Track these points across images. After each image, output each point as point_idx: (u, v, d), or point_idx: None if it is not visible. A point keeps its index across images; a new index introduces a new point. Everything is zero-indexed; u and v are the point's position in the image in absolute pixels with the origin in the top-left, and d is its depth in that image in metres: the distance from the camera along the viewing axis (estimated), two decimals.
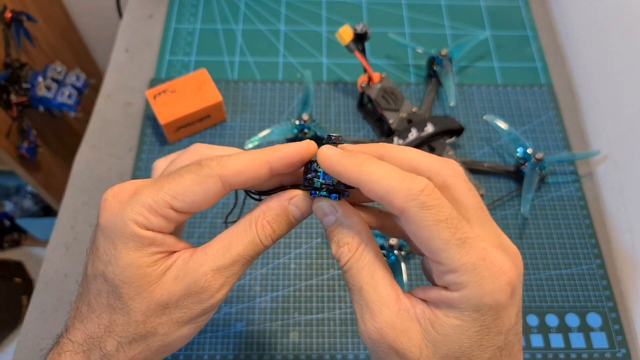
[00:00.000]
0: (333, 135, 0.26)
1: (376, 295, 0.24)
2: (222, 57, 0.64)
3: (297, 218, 0.27)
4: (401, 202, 0.22)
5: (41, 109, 0.78)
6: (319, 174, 0.26)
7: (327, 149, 0.25)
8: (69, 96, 0.79)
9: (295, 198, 0.27)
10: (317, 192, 0.26)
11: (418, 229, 0.22)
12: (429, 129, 0.54)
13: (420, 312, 0.23)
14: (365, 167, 0.24)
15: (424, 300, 0.24)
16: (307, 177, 0.26)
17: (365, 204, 0.29)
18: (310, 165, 0.27)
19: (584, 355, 0.46)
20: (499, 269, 0.22)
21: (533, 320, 0.48)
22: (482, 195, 0.52)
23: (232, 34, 0.66)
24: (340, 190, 0.26)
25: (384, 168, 0.23)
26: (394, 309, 0.23)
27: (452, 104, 0.57)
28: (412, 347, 0.23)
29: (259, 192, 0.28)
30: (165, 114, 0.54)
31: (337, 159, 0.25)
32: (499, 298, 0.22)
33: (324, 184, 0.26)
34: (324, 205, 0.26)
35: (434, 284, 0.24)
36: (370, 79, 0.57)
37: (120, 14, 0.85)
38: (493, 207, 0.54)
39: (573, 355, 0.46)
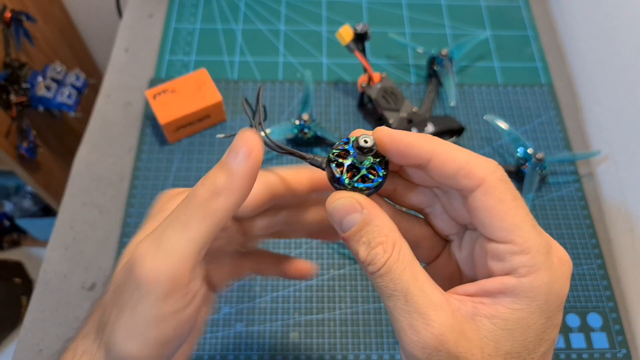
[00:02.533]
0: (366, 145, 0.22)
1: (426, 298, 0.20)
2: (222, 57, 0.64)
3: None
4: (483, 172, 0.21)
5: (41, 108, 0.78)
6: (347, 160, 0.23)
7: (384, 128, 0.23)
8: (69, 96, 0.79)
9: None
10: (350, 181, 0.23)
11: (496, 203, 0.21)
12: (430, 128, 0.54)
13: (472, 309, 0.21)
14: (437, 140, 0.22)
15: (470, 297, 0.22)
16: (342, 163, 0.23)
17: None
18: (344, 149, 0.23)
19: (585, 356, 0.46)
20: (564, 257, 0.21)
21: None
22: None
23: (232, 34, 0.66)
24: (382, 171, 0.23)
25: (455, 145, 0.22)
26: (449, 310, 0.20)
27: (452, 103, 0.57)
28: (473, 348, 0.20)
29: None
30: (165, 114, 0.54)
31: (404, 134, 0.22)
32: (565, 287, 0.21)
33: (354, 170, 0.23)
34: (346, 203, 0.22)
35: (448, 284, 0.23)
36: (370, 78, 0.57)
37: (120, 14, 0.85)
38: None
39: (574, 356, 0.46)
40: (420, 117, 0.55)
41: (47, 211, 1.11)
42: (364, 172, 0.23)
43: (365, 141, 0.22)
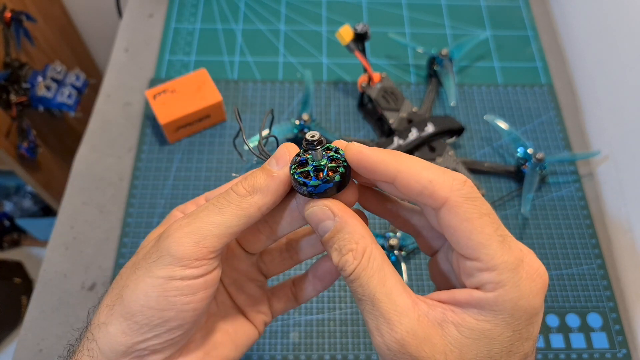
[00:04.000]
0: (312, 140, 0.23)
1: (391, 304, 0.21)
2: (222, 56, 0.64)
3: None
4: (445, 191, 0.21)
5: (41, 108, 0.78)
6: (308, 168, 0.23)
7: (355, 144, 0.24)
8: (69, 96, 0.79)
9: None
10: (308, 189, 0.23)
11: (460, 221, 0.21)
12: (430, 128, 0.54)
13: (441, 315, 0.22)
14: (403, 158, 0.22)
15: (442, 303, 0.23)
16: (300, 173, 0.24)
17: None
18: (300, 157, 0.24)
19: (585, 356, 0.46)
20: (535, 271, 0.21)
21: None
22: (482, 195, 0.52)
23: (232, 34, 0.66)
24: (342, 180, 0.23)
25: (422, 162, 0.22)
26: (414, 316, 0.21)
27: (452, 103, 0.57)
28: (436, 353, 0.21)
29: None
30: (165, 114, 0.54)
31: (372, 152, 0.23)
32: (535, 302, 0.21)
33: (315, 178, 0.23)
34: (318, 210, 0.23)
35: (444, 287, 0.23)
36: (370, 78, 0.57)
37: (120, 14, 0.85)
38: (493, 207, 0.54)
39: (574, 356, 0.46)
40: (420, 117, 0.55)
41: (47, 211, 1.11)
42: (310, 168, 0.23)
43: (312, 135, 0.23)
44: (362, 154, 0.23)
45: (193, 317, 0.24)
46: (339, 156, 0.24)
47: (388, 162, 0.23)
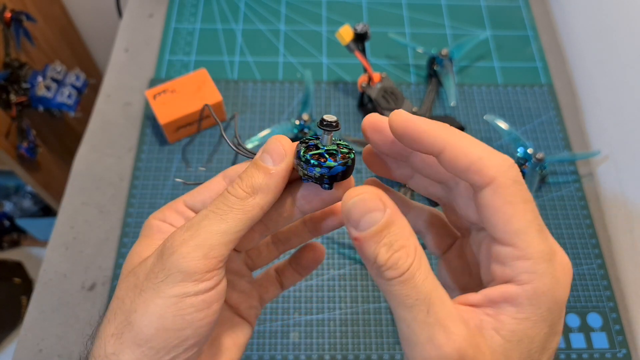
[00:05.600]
0: (331, 121, 0.23)
1: (446, 309, 0.19)
2: (222, 57, 0.64)
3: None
4: (493, 170, 0.20)
5: (41, 108, 0.78)
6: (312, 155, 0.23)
7: (402, 111, 0.22)
8: (69, 96, 0.79)
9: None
10: (315, 175, 0.23)
11: (503, 204, 0.20)
12: None
13: (479, 322, 0.20)
14: (453, 131, 0.21)
15: (474, 307, 0.21)
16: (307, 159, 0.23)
17: None
18: (306, 144, 0.23)
19: (585, 356, 0.46)
20: (566, 266, 0.21)
21: None
22: None
23: (232, 34, 0.66)
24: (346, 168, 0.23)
25: (472, 138, 0.21)
26: (466, 323, 0.19)
27: (452, 103, 0.57)
28: None
29: None
30: (164, 114, 0.54)
31: (421, 120, 0.21)
32: (566, 296, 0.20)
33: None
34: (368, 199, 0.21)
35: (459, 289, 0.23)
36: (370, 78, 0.57)
37: (120, 14, 0.85)
38: None
39: (574, 356, 0.46)
40: None
41: (47, 211, 1.11)
42: (322, 150, 0.23)
43: (331, 118, 0.23)
44: (409, 121, 0.22)
45: (208, 331, 0.23)
46: (346, 144, 0.24)
47: (437, 133, 0.21)
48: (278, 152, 0.23)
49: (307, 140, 0.24)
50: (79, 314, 0.47)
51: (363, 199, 0.21)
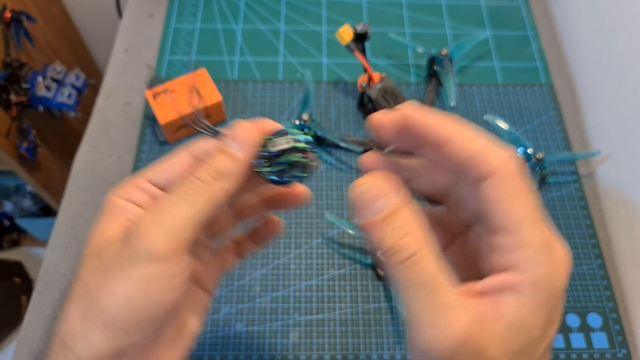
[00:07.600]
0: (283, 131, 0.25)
1: (453, 293, 0.20)
2: (222, 57, 0.64)
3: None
4: (496, 162, 0.21)
5: (41, 108, 0.78)
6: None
7: (411, 106, 0.23)
8: (69, 96, 0.79)
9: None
10: (275, 170, 0.25)
11: (505, 195, 0.20)
12: None
13: (480, 310, 0.20)
14: (456, 124, 0.22)
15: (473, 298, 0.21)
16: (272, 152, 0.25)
17: None
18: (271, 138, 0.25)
19: (585, 356, 0.46)
20: (564, 257, 0.21)
21: None
22: None
23: (232, 34, 0.66)
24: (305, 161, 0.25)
25: (474, 130, 0.22)
26: (470, 307, 0.20)
27: (452, 103, 0.57)
28: (490, 348, 0.19)
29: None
30: (164, 114, 0.54)
31: (426, 114, 0.22)
32: (564, 285, 0.21)
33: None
34: (374, 187, 0.21)
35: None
36: (370, 78, 0.57)
37: (120, 14, 0.85)
38: None
39: (574, 356, 0.46)
40: None
41: (47, 211, 1.11)
42: (284, 166, 0.25)
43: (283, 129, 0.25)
44: (415, 115, 0.22)
45: (174, 310, 0.24)
46: (306, 139, 0.25)
47: (441, 126, 0.22)
48: (243, 138, 0.24)
49: (266, 144, 0.25)
50: None
51: (371, 187, 0.21)
